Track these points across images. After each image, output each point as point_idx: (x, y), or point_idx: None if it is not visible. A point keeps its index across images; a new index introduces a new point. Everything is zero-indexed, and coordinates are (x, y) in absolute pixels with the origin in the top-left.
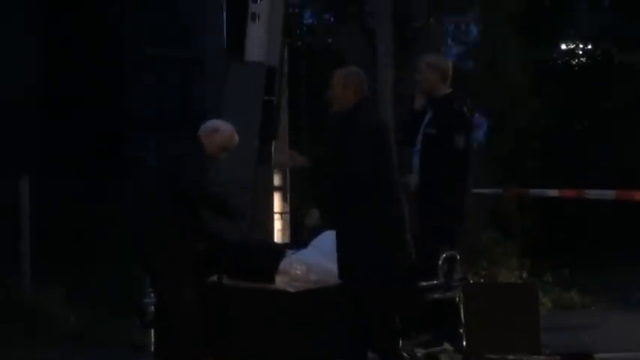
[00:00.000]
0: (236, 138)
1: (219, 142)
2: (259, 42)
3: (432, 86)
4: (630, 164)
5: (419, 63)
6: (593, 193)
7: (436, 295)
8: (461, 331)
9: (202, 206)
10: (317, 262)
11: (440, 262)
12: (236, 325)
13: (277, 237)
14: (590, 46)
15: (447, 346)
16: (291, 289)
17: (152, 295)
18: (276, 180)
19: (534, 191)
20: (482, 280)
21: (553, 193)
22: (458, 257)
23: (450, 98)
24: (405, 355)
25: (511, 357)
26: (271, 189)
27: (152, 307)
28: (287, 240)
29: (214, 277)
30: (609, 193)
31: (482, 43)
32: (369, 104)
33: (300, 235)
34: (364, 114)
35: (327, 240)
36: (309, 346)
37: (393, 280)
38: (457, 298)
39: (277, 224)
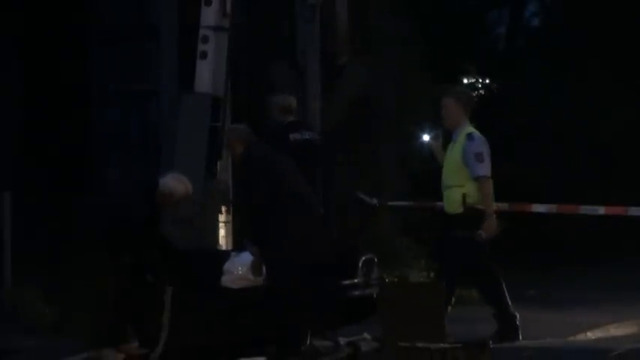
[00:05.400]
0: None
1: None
2: (207, 76)
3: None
4: (524, 179)
5: None
6: None
7: (357, 292)
8: (378, 322)
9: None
10: None
11: (360, 264)
12: (186, 316)
13: (222, 242)
14: (487, 80)
15: (366, 335)
16: (234, 286)
17: None
18: None
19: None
20: (395, 280)
21: None
22: (375, 260)
23: (281, 126)
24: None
25: (420, 344)
26: (217, 201)
27: None
28: (230, 245)
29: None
30: (503, 205)
31: (396, 80)
32: (254, 148)
33: (241, 241)
34: (250, 159)
35: None
36: (248, 333)
37: (307, 278)
38: (375, 295)
39: (222, 231)
